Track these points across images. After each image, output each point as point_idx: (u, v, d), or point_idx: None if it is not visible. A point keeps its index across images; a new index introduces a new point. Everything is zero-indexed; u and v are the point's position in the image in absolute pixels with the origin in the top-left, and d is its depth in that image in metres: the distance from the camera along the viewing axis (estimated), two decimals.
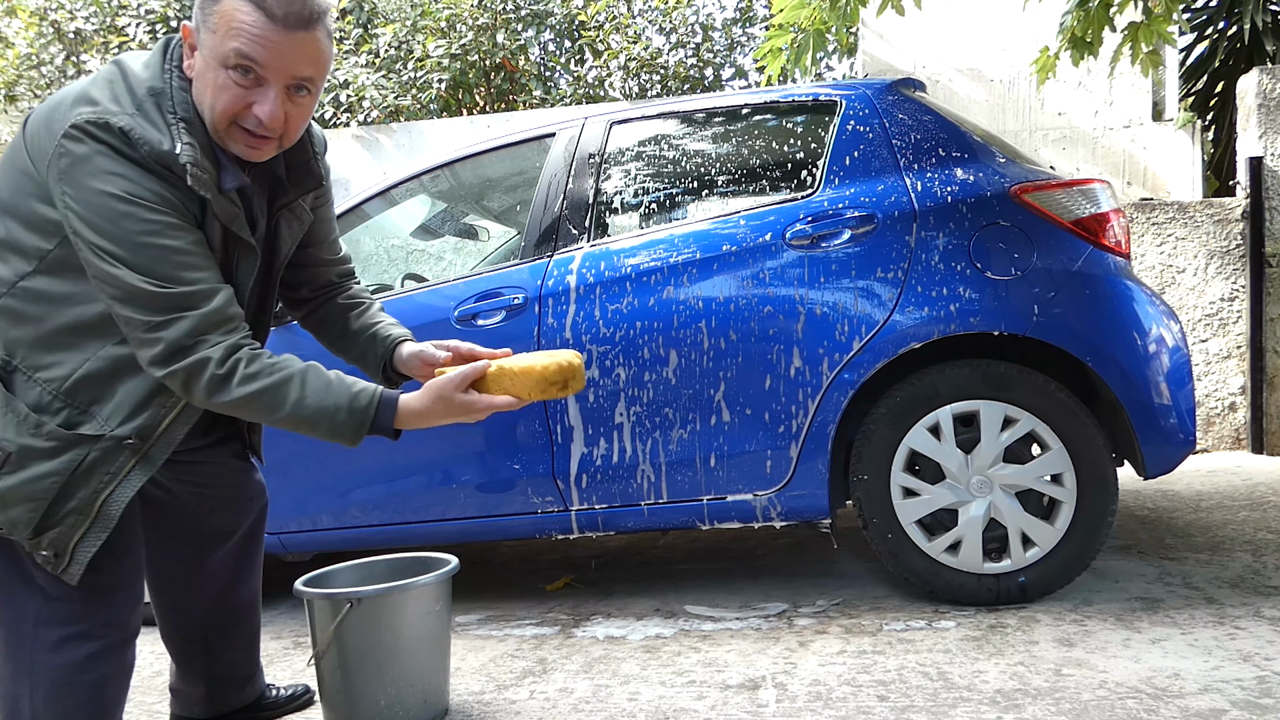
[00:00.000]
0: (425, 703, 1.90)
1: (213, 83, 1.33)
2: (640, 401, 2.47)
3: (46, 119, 1.32)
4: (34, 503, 1.34)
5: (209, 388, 1.33)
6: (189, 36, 1.35)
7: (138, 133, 1.29)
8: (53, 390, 1.36)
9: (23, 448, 1.34)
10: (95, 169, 1.27)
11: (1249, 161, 4.60)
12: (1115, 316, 2.29)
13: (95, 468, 1.37)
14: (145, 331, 1.31)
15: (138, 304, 1.30)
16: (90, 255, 1.29)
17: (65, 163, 1.27)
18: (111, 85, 1.33)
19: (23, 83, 7.80)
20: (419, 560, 2.07)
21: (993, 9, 5.42)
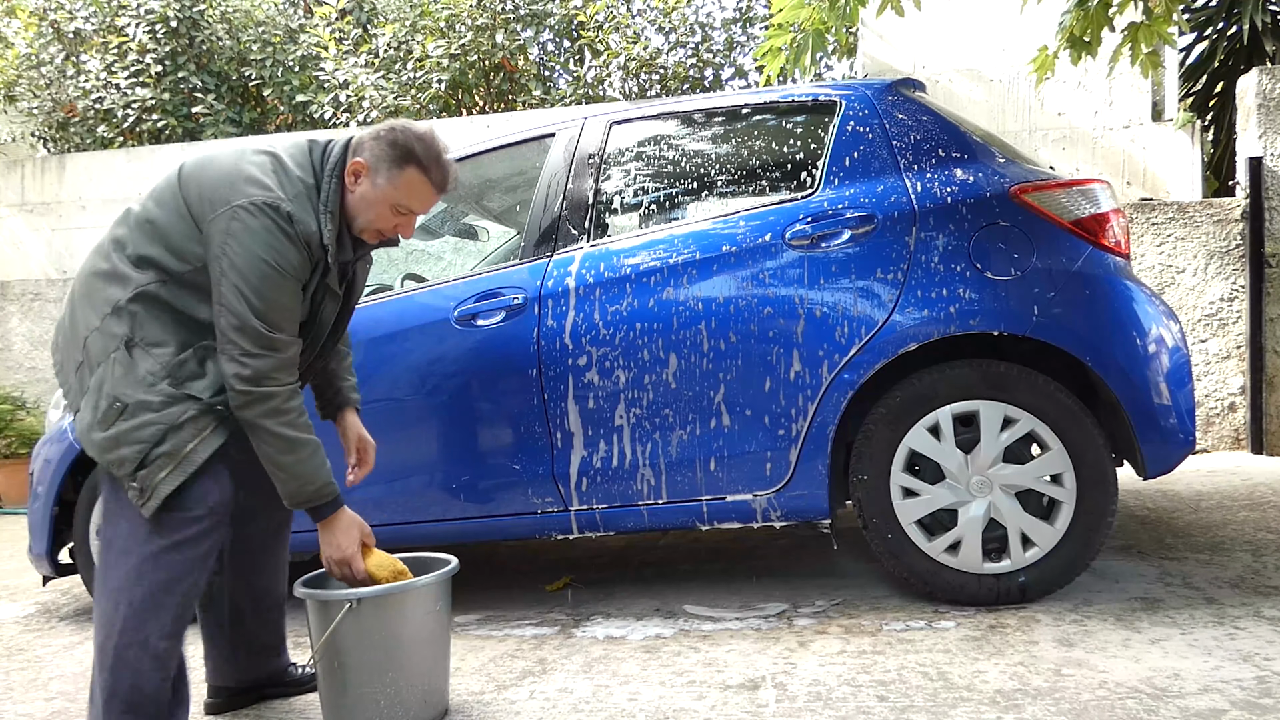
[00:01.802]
0: (425, 703, 1.90)
1: (377, 211, 1.85)
2: (640, 402, 2.47)
3: (215, 187, 1.73)
4: (139, 445, 1.71)
5: (263, 412, 1.75)
6: (363, 171, 1.83)
7: (298, 217, 1.75)
8: (162, 363, 1.74)
9: (138, 401, 1.72)
10: (259, 238, 1.70)
11: (1249, 161, 4.61)
12: (1115, 317, 2.29)
13: (189, 423, 1.74)
14: (240, 355, 1.72)
15: (246, 335, 1.71)
16: (228, 291, 1.70)
17: (237, 226, 1.70)
18: (276, 175, 1.77)
19: (23, 83, 7.80)
20: (419, 560, 2.06)
21: (993, 9, 5.42)
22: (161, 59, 7.52)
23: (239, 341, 1.72)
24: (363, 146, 1.85)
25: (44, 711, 2.21)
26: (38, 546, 2.99)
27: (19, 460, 5.73)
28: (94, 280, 1.81)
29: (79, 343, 1.80)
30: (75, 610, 3.20)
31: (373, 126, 1.89)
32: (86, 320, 1.79)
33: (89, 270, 1.84)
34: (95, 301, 1.79)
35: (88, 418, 1.76)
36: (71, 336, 1.82)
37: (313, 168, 1.83)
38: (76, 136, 7.87)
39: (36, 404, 6.36)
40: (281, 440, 1.76)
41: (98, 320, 1.77)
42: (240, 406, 1.74)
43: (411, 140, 1.83)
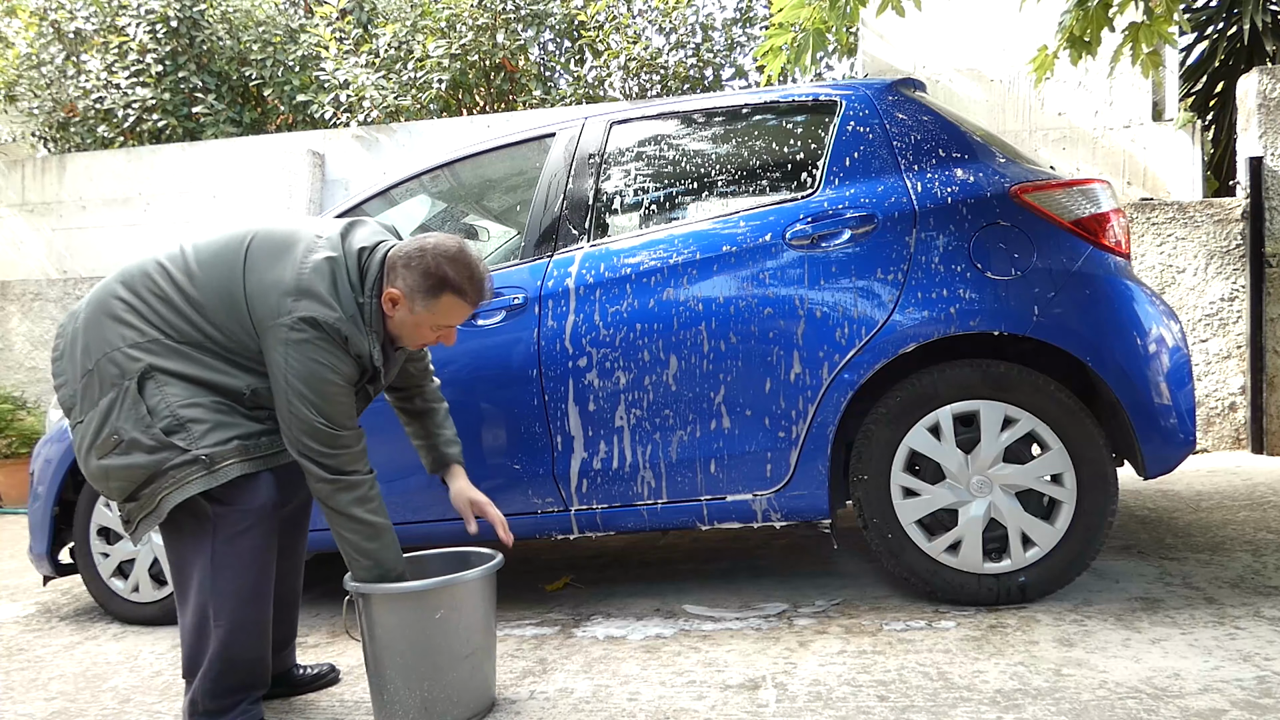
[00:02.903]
0: (457, 701, 1.90)
1: (418, 332, 1.96)
2: (640, 402, 2.47)
3: (279, 290, 1.82)
4: (126, 482, 1.81)
5: (351, 500, 1.86)
6: (400, 300, 1.90)
7: (351, 336, 1.85)
8: (170, 404, 1.81)
9: (132, 439, 1.79)
10: (317, 349, 1.81)
11: (1249, 161, 4.60)
12: (1115, 317, 2.29)
13: (171, 470, 1.79)
14: (318, 456, 1.84)
15: (319, 438, 1.83)
16: (296, 401, 1.81)
17: (296, 336, 1.80)
18: (333, 292, 1.85)
19: (23, 83, 7.80)
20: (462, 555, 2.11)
21: (993, 9, 5.42)
22: (162, 59, 7.52)
23: (313, 445, 1.83)
24: (395, 273, 1.91)
25: (44, 711, 2.21)
26: (38, 546, 3.00)
27: (19, 460, 5.73)
28: (128, 307, 1.87)
29: (92, 353, 1.85)
30: (75, 610, 3.20)
31: (405, 246, 1.93)
32: (109, 339, 1.85)
33: (126, 291, 1.89)
34: (122, 326, 1.85)
35: (88, 439, 1.84)
36: (85, 344, 1.87)
37: (361, 283, 1.91)
38: (77, 136, 7.87)
39: (36, 404, 6.36)
40: (368, 527, 1.87)
41: (121, 344, 1.84)
42: (328, 496, 1.85)
43: (444, 267, 1.89)
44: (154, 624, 2.89)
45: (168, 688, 2.31)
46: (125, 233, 6.81)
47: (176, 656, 2.56)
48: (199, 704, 1.88)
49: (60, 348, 1.94)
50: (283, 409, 1.83)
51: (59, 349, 1.94)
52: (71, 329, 1.93)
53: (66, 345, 1.92)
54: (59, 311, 6.52)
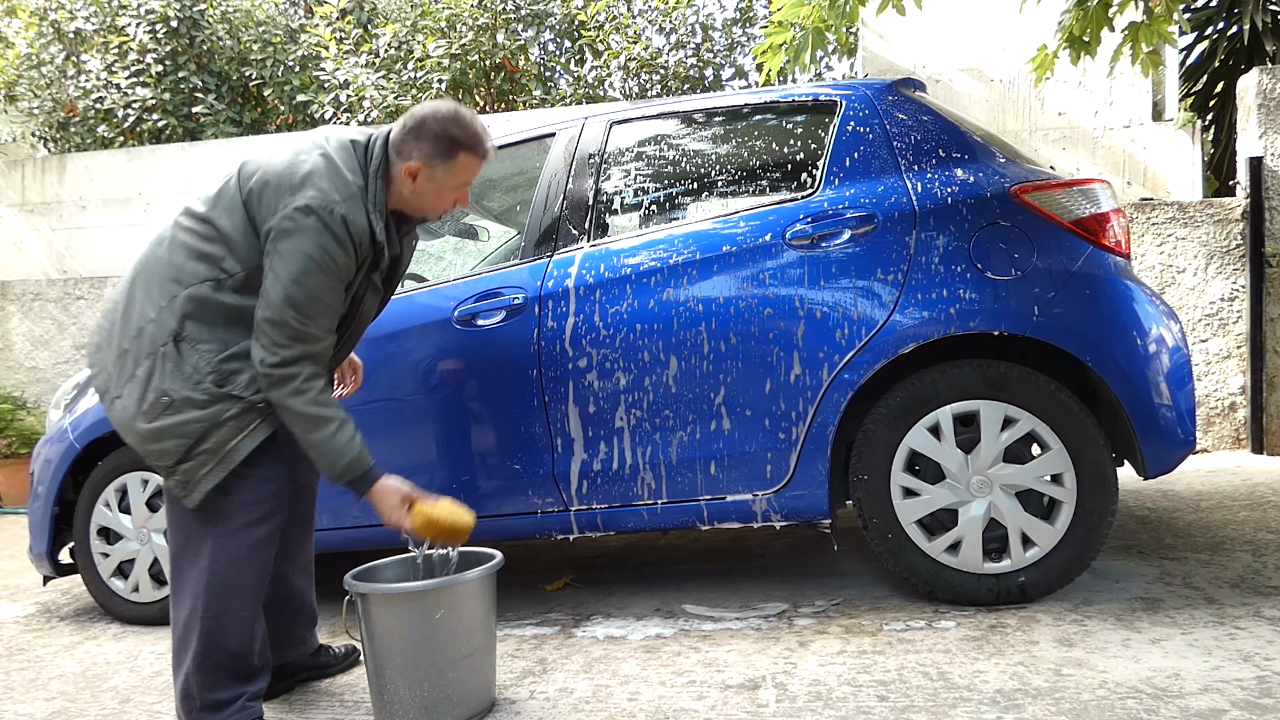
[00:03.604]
0: (458, 702, 1.90)
1: (440, 198, 1.98)
2: (640, 403, 2.47)
3: (274, 190, 1.81)
4: (182, 439, 1.82)
5: (287, 393, 1.82)
6: (420, 172, 1.92)
7: (351, 217, 1.82)
8: (208, 360, 1.83)
9: (184, 397, 1.82)
10: (309, 237, 1.78)
11: (1249, 161, 4.60)
12: (1115, 316, 2.29)
13: (231, 421, 1.84)
14: (270, 344, 1.81)
15: (278, 327, 1.80)
16: (270, 285, 1.79)
17: (289, 225, 1.78)
18: (330, 178, 1.83)
19: (23, 83, 7.80)
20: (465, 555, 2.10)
21: (993, 9, 5.42)
22: (162, 59, 7.52)
23: (270, 332, 1.81)
24: (407, 147, 1.93)
25: (44, 711, 2.21)
26: (38, 546, 3.00)
27: (19, 460, 5.73)
28: (154, 273, 1.89)
29: (131, 331, 1.88)
30: (75, 610, 3.20)
31: (403, 123, 1.95)
32: (144, 311, 1.88)
33: (149, 262, 1.92)
34: (154, 295, 1.87)
35: (132, 408, 1.85)
36: (124, 325, 1.90)
37: (361, 169, 1.91)
38: (77, 136, 7.87)
39: (36, 404, 6.36)
40: (306, 418, 1.84)
41: (154, 313, 1.86)
42: (266, 389, 1.84)
43: (451, 129, 1.92)
44: (154, 624, 2.89)
45: (168, 687, 2.31)
46: (125, 233, 6.81)
47: None
48: (195, 696, 1.87)
49: (98, 341, 1.97)
50: (260, 298, 1.81)
51: (96, 343, 1.97)
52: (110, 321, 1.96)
53: (104, 337, 1.95)
54: (59, 311, 6.53)
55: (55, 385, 6.45)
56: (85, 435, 2.94)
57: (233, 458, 1.85)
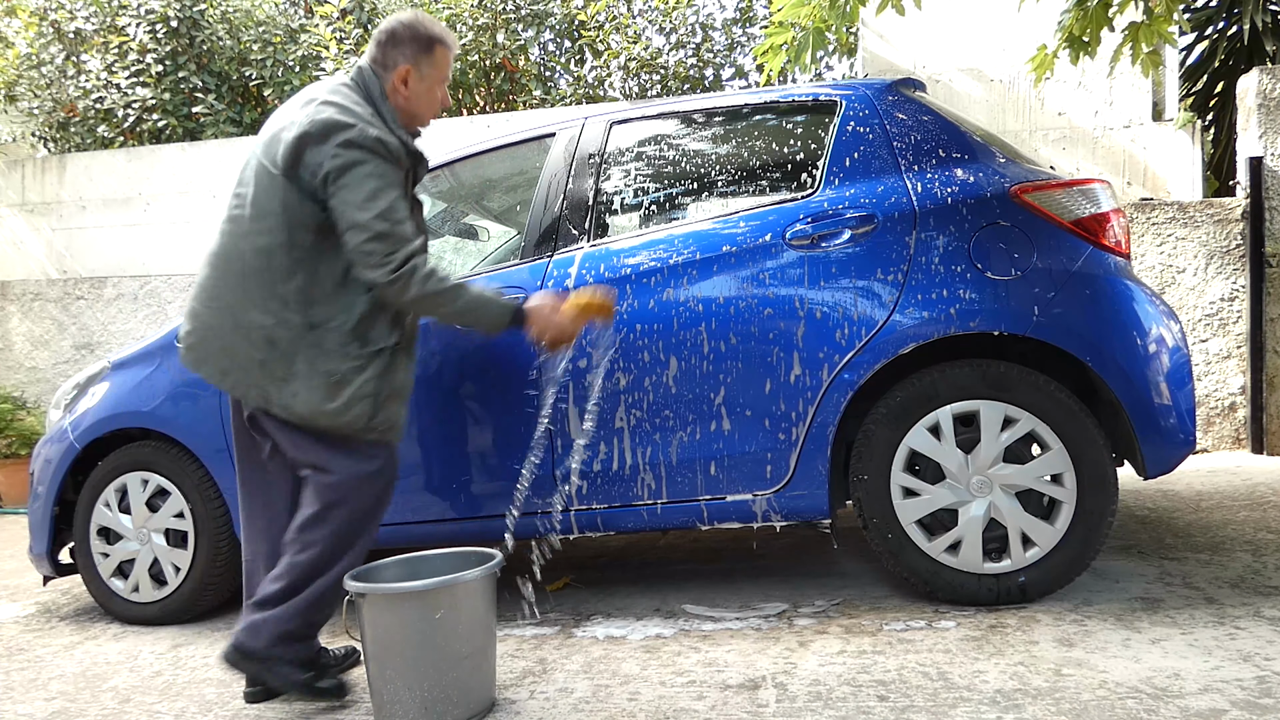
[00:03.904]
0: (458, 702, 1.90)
1: (434, 96, 2.14)
2: (640, 403, 2.47)
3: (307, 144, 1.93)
4: (366, 399, 2.01)
5: (417, 288, 1.95)
6: (410, 73, 2.08)
7: (384, 138, 1.97)
8: (343, 332, 2.00)
9: (346, 368, 2.00)
10: (363, 163, 1.92)
11: (1249, 161, 4.60)
12: (1115, 316, 2.29)
13: (390, 365, 2.06)
14: (378, 258, 1.93)
15: (377, 239, 1.92)
16: (351, 209, 1.91)
17: (340, 161, 1.91)
18: (349, 115, 1.96)
19: (23, 83, 7.80)
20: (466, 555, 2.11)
21: (993, 9, 5.42)
22: (162, 59, 7.52)
23: (371, 249, 1.92)
24: (390, 57, 2.08)
25: (44, 711, 2.21)
26: (38, 546, 3.00)
27: (19, 460, 5.73)
28: (244, 287, 2.00)
29: (259, 343, 2.00)
30: (75, 610, 3.20)
31: (374, 42, 2.10)
32: (260, 321, 1.99)
33: (229, 279, 2.02)
34: (259, 304, 1.99)
35: (315, 398, 1.99)
36: (246, 341, 2.00)
37: (366, 99, 2.05)
38: (77, 136, 7.87)
39: (36, 404, 6.37)
40: (445, 294, 1.99)
41: (272, 319, 1.99)
42: (399, 298, 1.97)
43: (420, 29, 2.09)
44: (154, 624, 2.89)
45: (168, 688, 2.31)
46: (125, 233, 6.81)
47: (177, 656, 2.56)
48: (295, 631, 2.03)
49: (223, 367, 2.05)
50: (346, 234, 1.94)
51: (222, 368, 2.05)
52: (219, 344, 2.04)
53: (227, 362, 2.04)
54: (59, 311, 6.53)
55: (55, 385, 6.45)
56: (85, 435, 2.94)
57: (407, 386, 2.11)
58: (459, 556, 2.11)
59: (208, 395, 2.80)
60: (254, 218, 1.99)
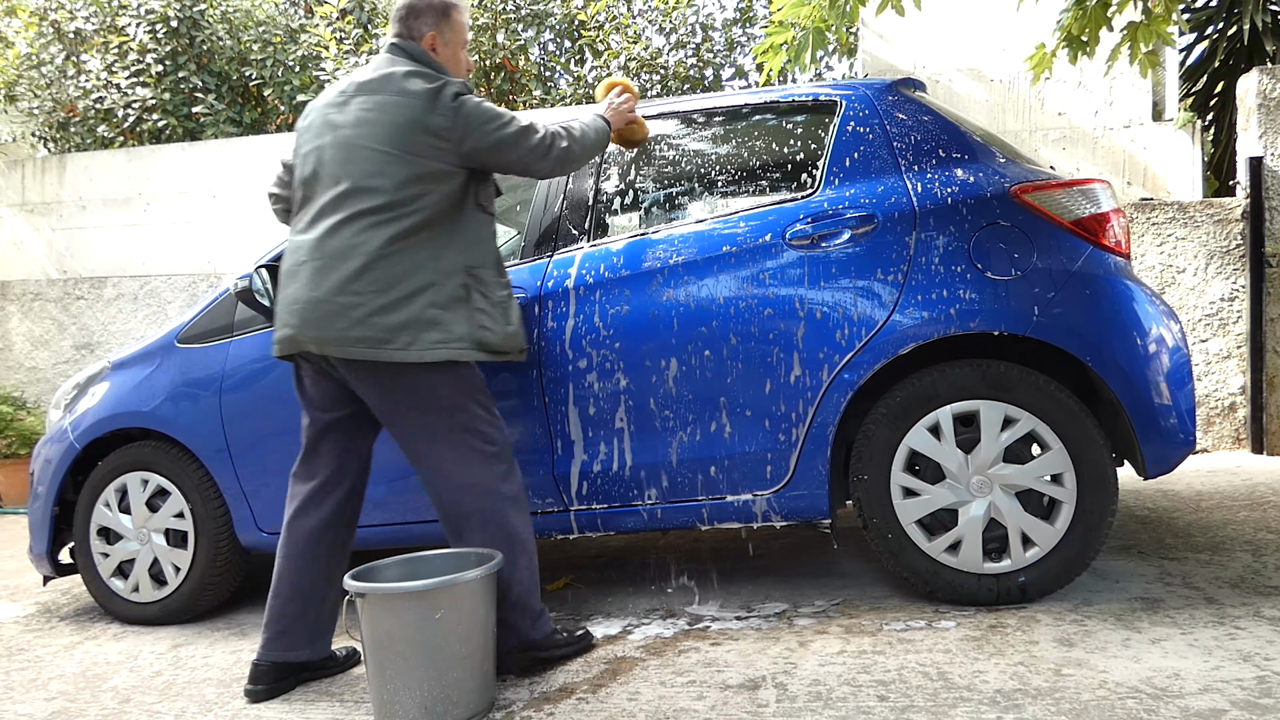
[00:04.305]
0: (458, 702, 1.90)
1: (458, 59, 2.31)
2: (640, 403, 2.47)
3: (420, 115, 2.10)
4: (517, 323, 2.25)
5: (560, 151, 2.24)
6: (436, 39, 2.25)
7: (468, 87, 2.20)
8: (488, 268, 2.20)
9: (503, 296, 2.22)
10: (474, 102, 2.15)
11: (1249, 161, 4.60)
12: (1115, 316, 2.29)
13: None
14: (539, 157, 2.21)
15: (532, 148, 2.19)
16: (490, 136, 2.13)
17: (456, 108, 2.12)
18: (430, 76, 2.16)
19: (23, 83, 7.80)
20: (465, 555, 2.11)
21: (993, 9, 5.42)
22: (162, 59, 7.52)
23: (528, 154, 2.19)
24: (415, 27, 2.24)
25: (44, 711, 2.21)
26: (38, 546, 3.00)
27: (19, 460, 5.73)
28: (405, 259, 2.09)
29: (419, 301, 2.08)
30: (75, 610, 3.20)
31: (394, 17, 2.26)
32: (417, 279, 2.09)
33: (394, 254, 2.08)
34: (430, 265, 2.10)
35: (500, 325, 2.17)
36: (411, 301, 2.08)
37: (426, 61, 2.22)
38: (77, 136, 7.87)
39: (36, 404, 6.37)
40: (576, 143, 2.28)
41: (431, 276, 2.10)
42: (556, 166, 2.26)
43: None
44: (154, 624, 2.89)
45: (168, 687, 2.31)
46: (125, 233, 6.81)
47: (177, 656, 2.56)
48: (529, 603, 2.18)
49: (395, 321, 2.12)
50: (508, 160, 2.18)
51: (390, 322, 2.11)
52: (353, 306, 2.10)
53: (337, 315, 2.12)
54: (59, 311, 6.53)
55: (55, 385, 6.45)
56: (85, 435, 2.94)
57: None
58: (459, 556, 2.11)
59: (208, 395, 2.80)
60: (390, 205, 2.07)
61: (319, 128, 2.20)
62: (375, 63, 2.22)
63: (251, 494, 2.77)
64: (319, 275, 2.07)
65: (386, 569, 2.08)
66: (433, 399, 2.11)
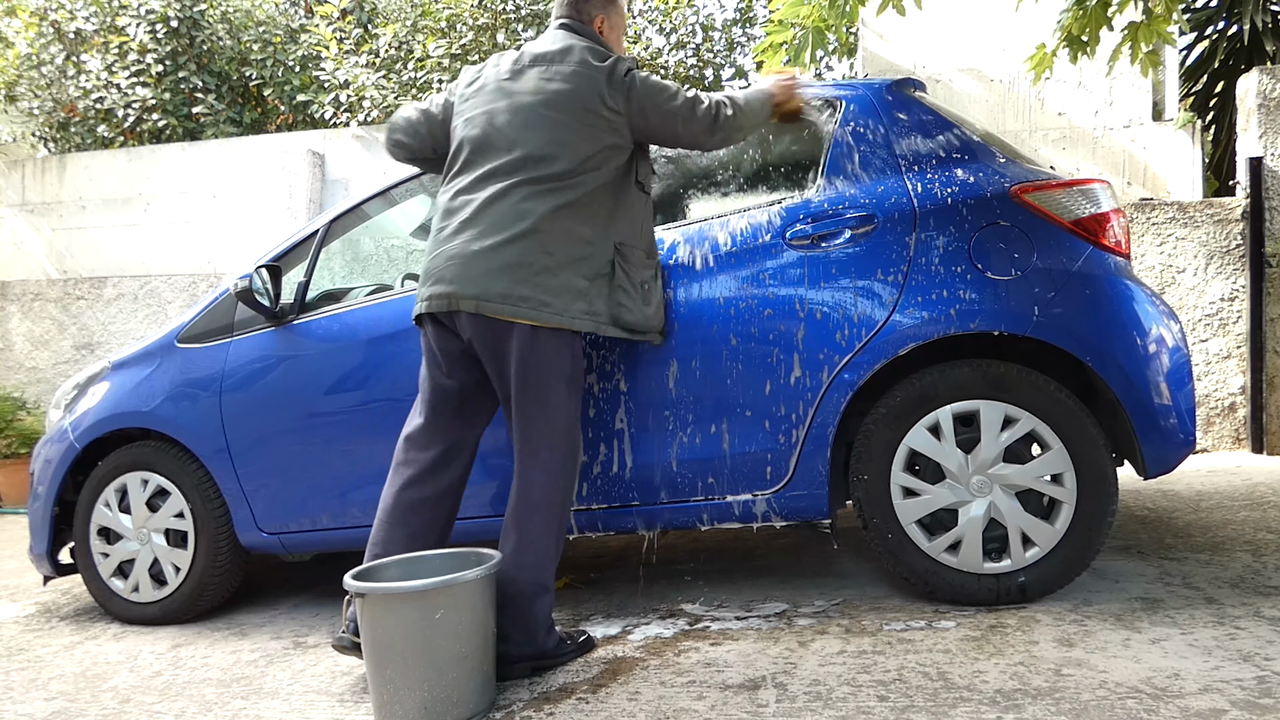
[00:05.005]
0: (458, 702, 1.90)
1: (620, 45, 2.44)
2: (640, 403, 2.47)
3: (589, 87, 2.18)
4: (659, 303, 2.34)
5: (726, 121, 2.26)
6: (603, 23, 2.37)
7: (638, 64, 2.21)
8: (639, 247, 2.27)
9: (646, 276, 2.28)
10: (647, 77, 2.23)
11: (1249, 161, 4.61)
12: (1115, 316, 2.29)
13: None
14: (706, 127, 2.24)
15: (700, 118, 2.22)
16: (665, 105, 2.21)
17: (629, 79, 2.20)
18: (605, 50, 2.26)
19: (23, 83, 7.80)
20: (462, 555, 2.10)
21: (993, 9, 5.42)
22: (162, 59, 7.52)
23: (698, 123, 2.23)
24: (583, 11, 2.34)
25: (44, 712, 2.21)
26: (38, 546, 3.00)
27: (19, 460, 5.74)
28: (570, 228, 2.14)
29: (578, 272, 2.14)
30: (75, 610, 3.20)
31: (557, 4, 2.37)
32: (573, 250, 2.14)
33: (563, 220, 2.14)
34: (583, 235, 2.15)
35: (639, 305, 2.23)
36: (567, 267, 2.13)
37: (595, 41, 2.32)
38: (77, 136, 7.87)
39: (36, 404, 6.37)
40: (741, 112, 2.28)
41: (585, 249, 2.15)
42: (728, 137, 2.29)
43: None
44: (154, 624, 2.89)
45: (168, 687, 2.31)
46: (125, 233, 6.81)
47: (177, 656, 2.56)
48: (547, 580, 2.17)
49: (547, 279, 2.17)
50: (678, 133, 2.23)
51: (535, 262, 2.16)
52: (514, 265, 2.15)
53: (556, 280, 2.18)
54: (59, 311, 6.53)
55: (55, 385, 6.45)
56: (85, 435, 2.94)
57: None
58: (459, 556, 2.11)
59: (208, 395, 2.81)
60: (563, 173, 2.13)
61: (492, 92, 2.25)
62: (550, 37, 2.30)
63: (252, 494, 2.77)
64: (484, 235, 2.12)
65: (386, 569, 2.08)
66: (558, 367, 2.15)
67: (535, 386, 2.14)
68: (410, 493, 2.22)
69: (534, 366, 2.13)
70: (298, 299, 2.78)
